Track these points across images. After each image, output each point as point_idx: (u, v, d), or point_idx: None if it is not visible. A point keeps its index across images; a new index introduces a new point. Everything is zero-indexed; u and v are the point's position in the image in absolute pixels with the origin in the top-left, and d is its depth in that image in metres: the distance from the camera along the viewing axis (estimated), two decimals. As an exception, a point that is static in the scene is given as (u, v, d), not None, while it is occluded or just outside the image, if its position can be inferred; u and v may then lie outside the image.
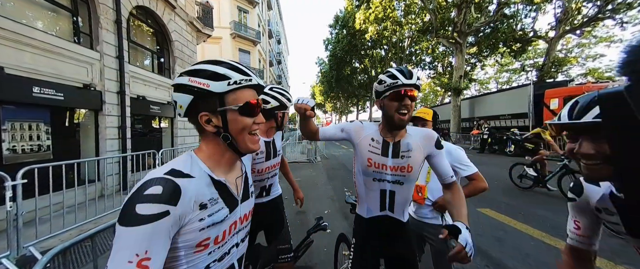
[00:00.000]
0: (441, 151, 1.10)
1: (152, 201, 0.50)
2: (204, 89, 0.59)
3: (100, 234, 1.25)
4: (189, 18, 8.53)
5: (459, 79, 15.84)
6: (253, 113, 0.65)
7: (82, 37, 5.07)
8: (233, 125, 0.62)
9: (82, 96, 4.82)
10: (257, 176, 1.46)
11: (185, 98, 0.60)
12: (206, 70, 0.60)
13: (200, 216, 0.58)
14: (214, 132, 0.63)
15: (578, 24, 14.18)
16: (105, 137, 5.17)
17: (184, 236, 0.56)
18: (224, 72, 0.61)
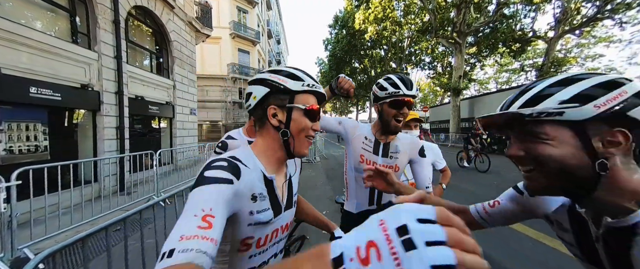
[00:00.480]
0: (423, 160, 1.21)
1: (219, 169, 0.56)
2: (281, 84, 0.67)
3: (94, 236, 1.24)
4: (187, 18, 8.52)
5: (458, 79, 15.84)
6: (314, 118, 0.71)
7: (80, 37, 5.05)
8: (295, 123, 0.68)
9: (79, 96, 4.80)
10: None
11: (261, 90, 0.68)
12: (284, 70, 0.70)
13: (250, 208, 0.61)
14: (275, 127, 0.68)
15: (577, 24, 14.18)
16: (103, 138, 5.15)
17: (235, 225, 0.61)
18: (299, 75, 0.69)
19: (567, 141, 0.46)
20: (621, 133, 0.43)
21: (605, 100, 0.43)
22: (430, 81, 27.81)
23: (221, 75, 18.73)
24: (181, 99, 8.27)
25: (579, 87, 0.45)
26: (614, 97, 0.43)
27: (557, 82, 0.48)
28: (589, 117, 0.44)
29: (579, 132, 0.45)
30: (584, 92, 0.45)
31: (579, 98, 0.45)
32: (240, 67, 19.34)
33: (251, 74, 20.11)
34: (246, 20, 20.61)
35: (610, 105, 0.43)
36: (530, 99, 0.49)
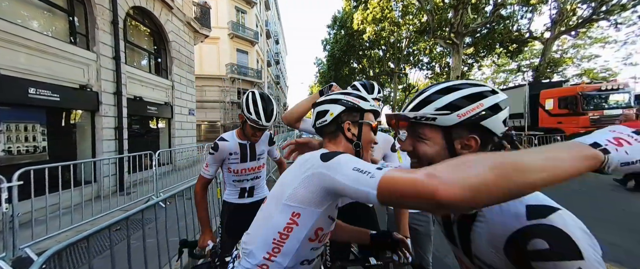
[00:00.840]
0: (394, 154, 1.41)
1: None
2: (355, 104, 0.81)
3: (95, 236, 1.27)
4: (186, 18, 8.53)
5: (456, 80, 15.92)
6: (375, 132, 0.85)
7: (79, 38, 5.06)
8: (365, 137, 0.82)
9: (78, 97, 4.81)
10: (234, 176, 1.54)
11: (337, 108, 0.81)
12: (354, 92, 0.86)
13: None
14: (349, 139, 0.81)
15: (573, 25, 14.33)
16: (102, 138, 5.16)
17: None
18: (366, 96, 0.85)
19: (438, 142, 0.57)
20: (474, 139, 0.54)
21: (465, 111, 0.53)
22: (429, 81, 27.94)
23: (219, 76, 18.71)
24: (180, 99, 8.28)
25: (452, 96, 0.55)
26: (473, 108, 0.53)
27: (439, 90, 0.58)
28: (453, 123, 0.54)
29: (446, 134, 0.56)
30: (454, 101, 0.55)
31: (449, 106, 0.55)
32: (238, 67, 19.34)
33: (250, 74, 20.11)
34: (245, 20, 20.61)
35: (469, 116, 0.53)
36: (418, 104, 0.59)
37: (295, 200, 0.65)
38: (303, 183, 0.65)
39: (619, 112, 8.92)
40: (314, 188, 0.63)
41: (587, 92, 9.25)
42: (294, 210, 0.66)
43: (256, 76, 20.58)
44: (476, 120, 0.54)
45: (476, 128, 0.55)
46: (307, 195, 0.64)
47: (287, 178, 0.70)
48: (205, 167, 1.44)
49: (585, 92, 9.24)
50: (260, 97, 1.35)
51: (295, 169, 0.70)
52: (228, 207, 1.58)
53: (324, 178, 0.61)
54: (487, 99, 0.54)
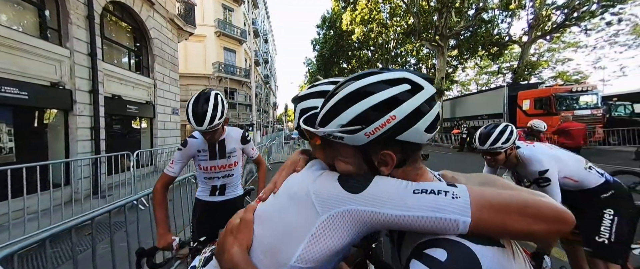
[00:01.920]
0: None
1: None
2: None
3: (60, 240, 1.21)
4: (169, 15, 8.27)
5: (441, 80, 16.43)
6: None
7: (50, 33, 4.79)
8: None
9: (49, 95, 4.56)
10: (204, 173, 1.55)
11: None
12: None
13: None
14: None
15: (548, 30, 15.15)
16: (76, 138, 4.91)
17: None
18: None
19: (354, 158, 0.49)
20: (389, 156, 0.46)
21: (374, 129, 0.44)
22: (415, 82, 28.55)
23: (206, 74, 18.27)
24: (162, 98, 8.01)
25: (357, 108, 0.44)
26: (382, 124, 0.43)
27: (347, 95, 0.46)
28: (362, 143, 0.46)
29: (361, 151, 0.48)
30: (360, 115, 0.44)
31: (355, 121, 0.44)
32: (226, 66, 18.96)
33: (237, 74, 19.77)
34: (232, 18, 20.23)
35: (379, 133, 0.44)
36: (325, 115, 0.49)
37: (313, 259, 0.45)
38: (323, 231, 0.44)
39: (588, 112, 9.54)
40: (342, 233, 0.44)
41: (559, 94, 9.82)
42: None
43: (244, 75, 20.26)
44: (389, 136, 0.44)
45: (392, 143, 0.46)
46: (331, 244, 0.44)
47: (284, 221, 0.48)
48: (170, 164, 1.42)
49: (558, 94, 9.81)
50: (197, 99, 1.31)
51: (295, 206, 0.48)
52: (200, 204, 1.59)
53: (362, 216, 0.43)
54: (402, 106, 0.43)
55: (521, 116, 11.37)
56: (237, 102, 19.41)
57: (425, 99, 0.44)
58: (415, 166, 0.50)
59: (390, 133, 0.44)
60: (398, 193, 0.42)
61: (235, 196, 1.65)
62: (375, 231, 0.51)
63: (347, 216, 0.44)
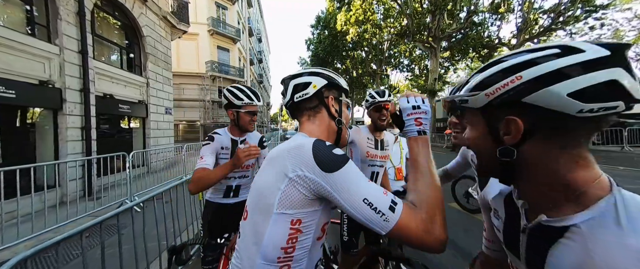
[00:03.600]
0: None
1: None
2: (336, 80, 0.77)
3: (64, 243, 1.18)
4: (162, 12, 8.09)
5: (433, 81, 16.75)
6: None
7: (38, 29, 4.61)
8: (345, 115, 0.79)
9: (38, 94, 4.38)
10: None
11: (321, 81, 0.74)
12: (329, 70, 0.80)
13: None
14: (332, 116, 0.76)
15: (536, 33, 15.68)
16: (66, 139, 4.75)
17: None
18: (339, 77, 0.82)
19: (478, 126, 0.47)
20: (512, 122, 0.40)
21: (495, 88, 0.41)
22: (409, 83, 29.04)
23: (199, 73, 17.96)
24: (155, 98, 7.83)
25: (487, 73, 0.43)
26: (504, 84, 0.39)
27: (484, 66, 0.45)
28: (482, 105, 0.43)
29: (486, 117, 0.45)
30: (487, 79, 0.42)
31: (481, 85, 0.43)
32: (219, 65, 18.70)
33: (231, 73, 19.53)
34: (226, 17, 19.96)
35: (499, 93, 0.40)
36: (462, 85, 0.50)
37: (290, 206, 0.56)
38: (292, 185, 0.56)
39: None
40: (308, 192, 0.56)
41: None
42: (292, 218, 0.56)
43: (238, 74, 20.04)
44: (510, 97, 0.39)
45: (521, 109, 0.39)
46: (301, 198, 0.56)
47: (265, 182, 0.60)
48: (200, 159, 1.35)
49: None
50: (242, 87, 1.48)
51: (273, 167, 0.59)
52: (212, 207, 1.55)
53: (322, 189, 0.55)
54: (535, 68, 0.37)
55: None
56: (231, 102, 19.15)
57: (578, 61, 0.36)
58: (577, 153, 0.39)
59: (514, 94, 0.39)
60: (356, 193, 0.54)
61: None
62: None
63: (310, 181, 0.55)
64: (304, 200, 0.56)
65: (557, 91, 0.36)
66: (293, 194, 0.56)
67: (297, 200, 0.56)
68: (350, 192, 0.54)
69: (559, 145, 0.39)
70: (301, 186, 0.55)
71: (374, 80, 29.10)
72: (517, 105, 0.40)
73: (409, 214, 0.53)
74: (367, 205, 0.53)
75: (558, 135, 0.39)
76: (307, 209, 0.57)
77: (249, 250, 0.60)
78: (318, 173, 0.55)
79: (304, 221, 0.57)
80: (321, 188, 0.55)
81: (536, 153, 0.41)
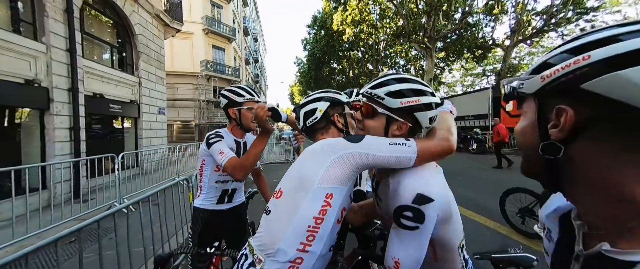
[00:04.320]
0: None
1: None
2: (336, 98, 0.95)
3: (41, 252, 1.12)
4: (154, 11, 7.95)
5: (429, 82, 16.86)
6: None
7: (24, 26, 4.46)
8: (350, 124, 0.95)
9: (23, 93, 4.25)
10: (220, 176, 1.43)
11: (324, 104, 0.92)
12: (328, 90, 1.00)
13: None
14: (340, 129, 0.93)
15: (528, 34, 15.91)
16: (54, 139, 4.61)
17: None
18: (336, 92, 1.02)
19: (529, 114, 0.40)
20: (562, 112, 0.33)
21: (552, 71, 0.34)
22: (404, 83, 29.14)
23: (194, 73, 17.75)
24: (148, 97, 7.69)
25: (552, 52, 0.37)
26: (565, 65, 0.32)
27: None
28: (535, 90, 0.37)
29: (536, 102, 0.38)
30: (550, 59, 0.36)
31: (541, 67, 0.37)
32: (214, 64, 18.50)
33: (227, 72, 19.35)
34: (221, 15, 19.77)
35: (555, 76, 0.33)
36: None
37: (329, 181, 0.67)
38: (334, 164, 0.68)
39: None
40: (347, 167, 0.68)
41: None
42: (327, 192, 0.67)
43: (234, 74, 19.86)
44: (568, 81, 0.33)
45: (579, 97, 0.33)
46: (339, 173, 0.68)
47: (309, 168, 0.71)
48: (221, 154, 1.25)
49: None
50: (239, 86, 1.47)
51: (315, 157, 0.71)
52: (202, 214, 1.44)
53: (359, 156, 0.67)
54: (610, 47, 0.32)
55: (505, 116, 11.87)
56: (226, 102, 18.98)
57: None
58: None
59: (573, 78, 0.32)
60: (382, 142, 0.68)
61: (239, 203, 1.59)
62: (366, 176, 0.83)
63: (348, 156, 0.67)
64: (341, 176, 0.68)
65: (630, 77, 0.27)
66: (334, 172, 0.67)
67: (336, 176, 0.67)
68: (379, 144, 0.69)
69: (624, 148, 0.30)
70: (343, 162, 0.68)
71: (370, 80, 29.08)
72: (574, 93, 0.32)
73: (423, 140, 0.72)
74: (393, 145, 0.68)
75: (625, 135, 0.30)
76: (340, 186, 0.69)
77: (279, 222, 0.70)
78: (352, 147, 0.69)
79: (335, 195, 0.68)
80: (358, 155, 0.67)
81: (590, 155, 0.33)
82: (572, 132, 0.33)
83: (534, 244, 2.70)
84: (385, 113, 0.72)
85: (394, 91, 0.70)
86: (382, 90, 0.72)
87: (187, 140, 16.60)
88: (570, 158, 0.34)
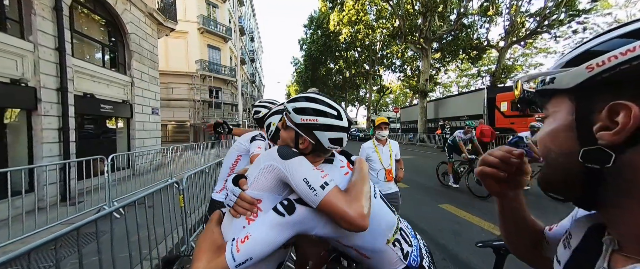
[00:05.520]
0: None
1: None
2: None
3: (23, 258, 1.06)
4: (148, 9, 7.81)
5: (425, 82, 16.96)
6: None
7: (10, 24, 4.33)
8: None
9: (8, 93, 4.12)
10: None
11: (278, 118, 1.00)
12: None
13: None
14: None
15: (522, 36, 16.11)
16: (41, 140, 4.48)
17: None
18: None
19: (561, 115, 0.33)
20: (623, 109, 0.27)
21: (604, 59, 0.28)
22: (401, 83, 29.35)
23: (188, 72, 17.56)
24: (141, 97, 7.56)
25: (595, 41, 0.31)
26: (623, 52, 0.27)
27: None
28: (577, 83, 0.30)
29: (576, 100, 0.31)
30: (598, 46, 0.30)
31: (582, 57, 0.31)
32: (210, 64, 18.32)
33: (222, 72, 19.19)
34: (216, 15, 19.59)
35: (611, 64, 0.27)
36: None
37: (255, 188, 0.73)
38: (261, 172, 0.74)
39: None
40: (271, 177, 0.73)
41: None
42: (255, 197, 0.72)
43: (229, 74, 19.70)
44: (629, 70, 0.26)
45: (629, 89, 0.27)
46: (265, 182, 0.73)
47: (250, 171, 0.79)
48: (259, 148, 1.45)
49: (532, 96, 10.46)
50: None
51: (257, 162, 0.79)
52: (218, 205, 1.54)
53: (279, 171, 0.72)
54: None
55: (499, 117, 11.98)
56: (222, 102, 18.82)
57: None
58: None
59: (631, 67, 0.26)
60: (299, 174, 0.70)
61: None
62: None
63: (273, 167, 0.73)
64: (268, 185, 0.73)
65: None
66: (260, 180, 0.73)
67: (262, 184, 0.73)
68: (296, 173, 0.70)
69: None
70: (268, 172, 0.73)
71: (366, 81, 29.24)
72: (632, 86, 0.27)
73: (337, 193, 0.70)
74: (304, 183, 0.69)
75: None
76: (269, 193, 0.73)
77: (226, 223, 0.78)
78: (277, 161, 0.73)
79: (264, 201, 0.72)
80: (278, 170, 0.72)
81: None
82: (633, 135, 0.26)
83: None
84: (292, 126, 0.78)
85: (299, 108, 0.76)
86: (291, 105, 0.77)
87: (182, 141, 16.40)
88: (625, 167, 0.27)
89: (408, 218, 3.09)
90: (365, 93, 34.47)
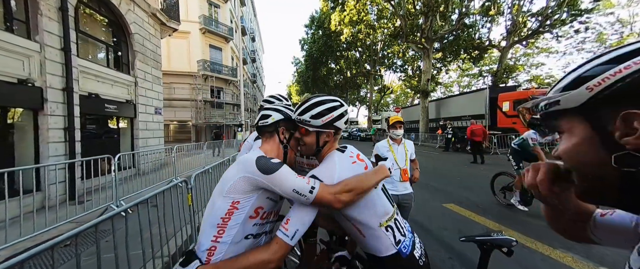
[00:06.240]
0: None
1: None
2: (290, 116, 1.03)
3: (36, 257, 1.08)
4: (151, 9, 7.85)
5: (426, 82, 16.95)
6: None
7: (17, 25, 4.37)
8: (292, 142, 1.04)
9: (15, 93, 4.16)
10: None
11: (278, 116, 1.01)
12: (289, 107, 1.10)
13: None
14: (281, 140, 1.02)
15: (524, 35, 16.09)
16: (48, 140, 4.52)
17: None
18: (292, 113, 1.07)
19: (577, 129, 0.37)
20: (636, 116, 0.31)
21: (601, 79, 0.33)
22: (402, 83, 29.32)
23: (190, 72, 17.61)
24: (144, 97, 7.60)
25: (586, 67, 0.37)
26: (617, 71, 0.32)
27: (576, 67, 0.42)
28: (582, 102, 0.35)
29: (588, 118, 0.36)
30: (587, 72, 0.36)
31: (578, 81, 0.36)
32: (211, 64, 18.37)
33: (224, 72, 19.23)
34: (218, 15, 19.64)
35: (609, 82, 0.33)
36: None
37: (233, 192, 0.83)
38: (240, 181, 0.83)
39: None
40: (250, 188, 0.83)
41: (536, 96, 10.47)
42: (233, 200, 0.83)
43: (231, 74, 19.75)
44: (623, 85, 0.33)
45: (629, 100, 0.32)
46: (242, 188, 0.83)
47: (228, 174, 0.88)
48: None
49: (534, 96, 10.45)
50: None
51: (235, 167, 0.88)
52: None
53: (262, 185, 0.83)
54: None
55: (501, 117, 11.97)
56: (224, 102, 18.86)
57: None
58: None
59: (626, 84, 0.31)
60: (287, 185, 0.81)
61: None
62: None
63: (252, 180, 0.83)
64: (245, 191, 0.83)
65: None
66: (238, 187, 0.83)
67: (240, 190, 0.83)
68: (283, 185, 0.81)
69: None
70: (247, 182, 0.83)
71: (367, 81, 29.23)
72: (633, 97, 0.32)
73: (324, 190, 0.83)
74: (294, 192, 0.81)
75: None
76: (245, 195, 0.83)
77: (204, 221, 0.87)
78: (258, 175, 0.82)
79: (241, 202, 0.83)
80: (261, 184, 0.83)
81: None
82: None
83: (511, 230, 3.16)
84: (314, 130, 0.94)
85: (314, 114, 0.92)
86: (307, 116, 0.93)
87: (184, 141, 16.45)
88: None
89: (413, 218, 3.11)
90: (366, 93, 34.48)
